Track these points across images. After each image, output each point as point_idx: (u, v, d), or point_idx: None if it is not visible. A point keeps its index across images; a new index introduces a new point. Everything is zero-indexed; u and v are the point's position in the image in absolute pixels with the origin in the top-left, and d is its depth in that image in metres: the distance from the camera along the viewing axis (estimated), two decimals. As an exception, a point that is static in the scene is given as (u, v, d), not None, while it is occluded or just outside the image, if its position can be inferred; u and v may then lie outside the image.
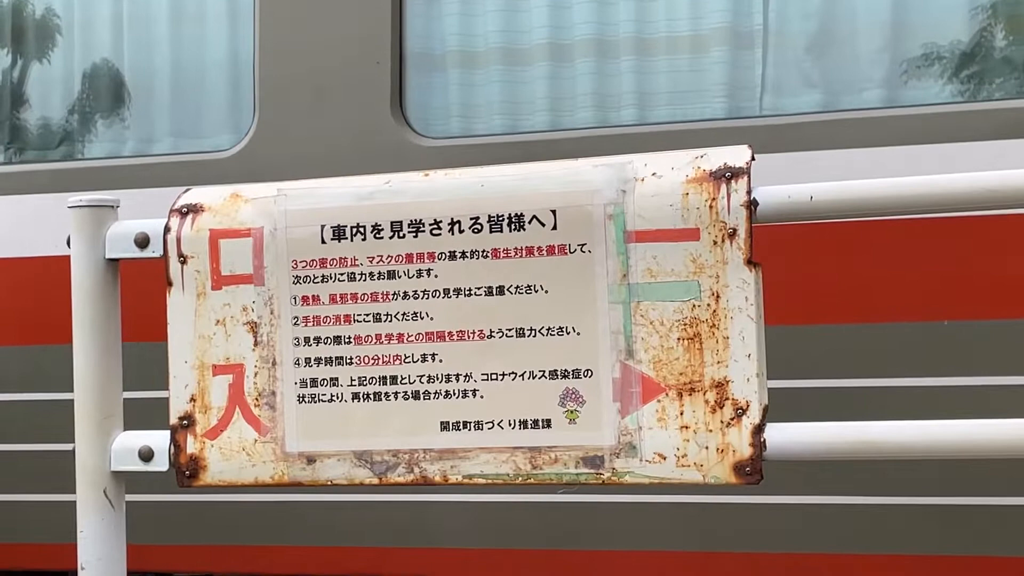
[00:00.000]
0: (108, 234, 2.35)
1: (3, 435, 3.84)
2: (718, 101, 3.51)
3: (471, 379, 2.21)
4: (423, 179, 2.28)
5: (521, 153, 3.31)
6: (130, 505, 2.38)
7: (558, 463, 2.17)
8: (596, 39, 3.59)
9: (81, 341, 2.34)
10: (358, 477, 2.26)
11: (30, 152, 4.10)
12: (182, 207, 2.35)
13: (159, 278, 2.32)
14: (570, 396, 2.17)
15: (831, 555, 3.27)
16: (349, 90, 3.58)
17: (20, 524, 3.81)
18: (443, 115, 3.69)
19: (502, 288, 2.20)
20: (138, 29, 3.96)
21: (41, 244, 3.78)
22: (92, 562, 2.33)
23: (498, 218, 2.19)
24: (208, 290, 2.31)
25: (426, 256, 2.23)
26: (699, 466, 2.11)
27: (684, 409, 2.11)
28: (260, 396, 2.29)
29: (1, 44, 4.14)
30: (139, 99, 3.96)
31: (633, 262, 2.14)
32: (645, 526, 3.38)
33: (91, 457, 2.33)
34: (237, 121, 3.81)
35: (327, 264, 2.27)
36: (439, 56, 3.70)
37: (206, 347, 2.32)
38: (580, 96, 3.60)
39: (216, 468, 2.31)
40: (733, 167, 2.10)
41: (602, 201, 2.15)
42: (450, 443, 2.22)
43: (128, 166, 3.83)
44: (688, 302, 2.11)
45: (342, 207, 2.28)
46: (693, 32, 3.55)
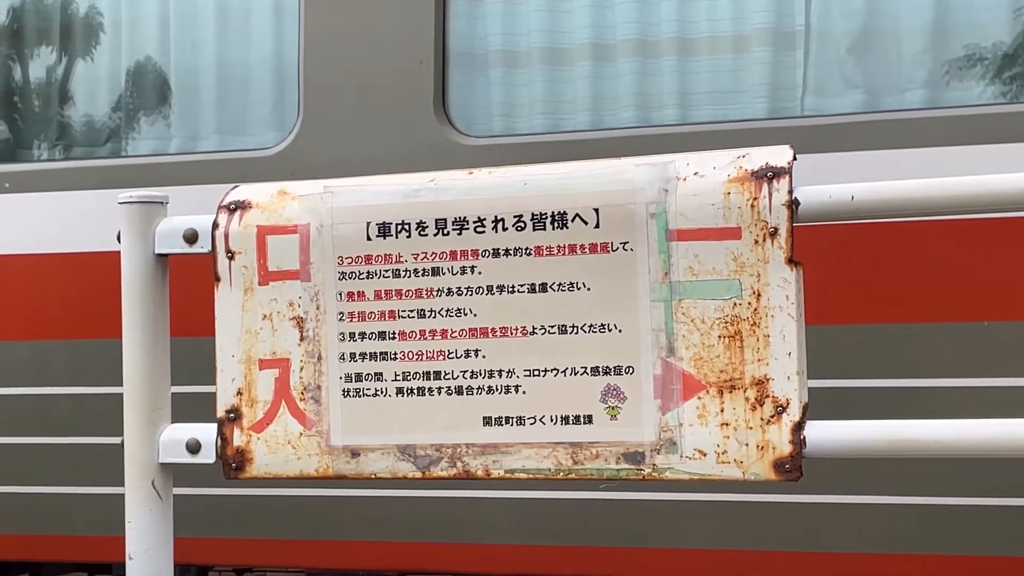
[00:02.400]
0: (157, 230, 2.39)
1: (48, 428, 3.89)
2: (759, 101, 3.52)
3: (513, 375, 2.24)
4: (468, 177, 2.31)
5: (563, 152, 3.32)
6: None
7: (599, 459, 2.20)
8: (638, 39, 3.61)
9: (130, 335, 2.38)
10: (401, 471, 2.29)
11: (77, 149, 4.15)
12: (230, 204, 2.39)
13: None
14: (611, 392, 2.19)
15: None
16: (392, 89, 3.61)
17: (69, 516, 3.85)
18: (485, 114, 3.72)
19: (545, 285, 2.23)
20: (184, 28, 4.00)
21: (89, 240, 3.82)
22: (140, 552, 2.37)
23: (541, 216, 2.22)
24: (255, 286, 2.35)
25: (470, 253, 2.26)
26: (739, 463, 2.13)
27: (724, 406, 2.13)
28: (306, 390, 2.33)
29: (49, 43, 4.19)
30: (185, 97, 4.00)
31: (675, 260, 2.16)
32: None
33: (139, 449, 2.37)
34: (281, 119, 3.84)
35: (372, 261, 2.30)
36: (482, 55, 3.72)
37: (253, 342, 2.35)
38: (622, 96, 3.62)
39: (262, 461, 2.35)
40: (775, 167, 2.12)
41: (644, 200, 2.17)
42: (492, 438, 2.25)
43: (173, 163, 3.87)
44: (729, 300, 2.14)
45: (387, 204, 2.31)
46: (735, 33, 3.56)
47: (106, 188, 3.84)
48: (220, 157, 3.81)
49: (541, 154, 3.37)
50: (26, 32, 4.20)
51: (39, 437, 3.88)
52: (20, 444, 3.89)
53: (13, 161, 4.16)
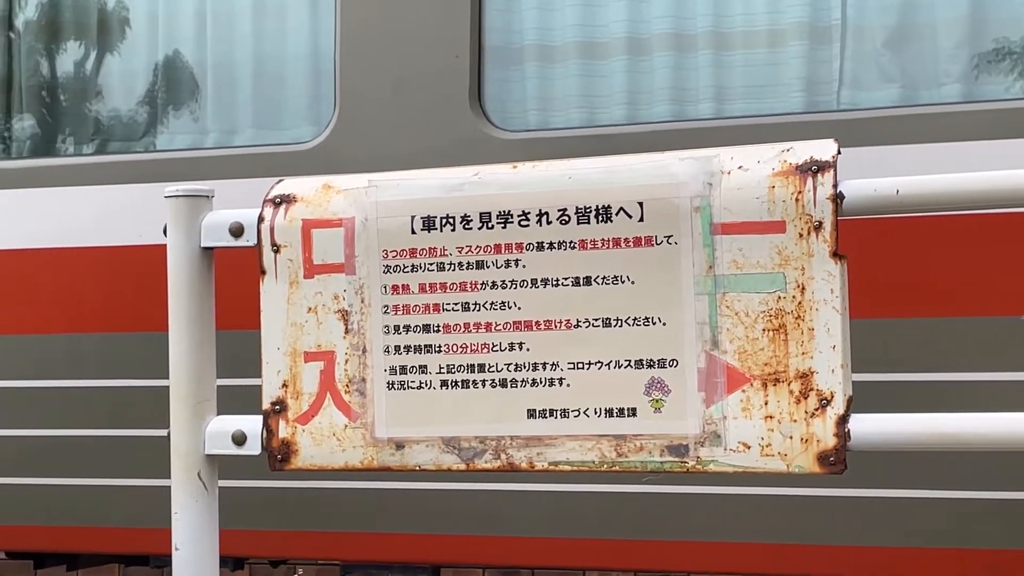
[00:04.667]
0: (203, 223, 2.41)
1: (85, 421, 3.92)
2: (795, 95, 3.53)
3: (558, 368, 2.25)
4: (511, 171, 2.32)
5: (598, 146, 3.33)
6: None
7: (643, 451, 2.21)
8: (673, 33, 3.61)
9: (176, 327, 2.40)
10: (446, 463, 2.31)
11: (114, 144, 4.18)
12: (275, 197, 2.41)
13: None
14: (655, 385, 2.20)
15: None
16: (428, 83, 3.63)
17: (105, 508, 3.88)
18: (521, 108, 3.73)
19: (589, 279, 2.24)
20: (221, 23, 4.02)
21: (126, 234, 3.85)
22: (186, 543, 2.39)
23: (585, 210, 2.23)
24: (300, 279, 2.37)
25: (514, 247, 2.27)
26: (783, 455, 2.14)
27: (768, 399, 2.14)
28: (350, 383, 2.35)
29: (85, 38, 4.21)
30: (221, 92, 4.03)
31: (719, 254, 2.17)
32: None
33: (186, 441, 2.39)
34: (317, 114, 3.86)
35: (417, 254, 2.32)
36: (517, 50, 3.73)
37: (298, 334, 2.37)
38: (657, 90, 3.63)
39: (307, 453, 2.37)
40: (819, 160, 2.13)
41: (688, 194, 2.18)
42: (536, 430, 2.26)
43: (210, 157, 3.89)
44: (773, 294, 2.14)
45: (432, 198, 2.32)
46: (771, 27, 3.57)
47: (142, 182, 3.87)
48: (256, 152, 3.83)
49: (576, 148, 3.38)
50: (62, 27, 4.23)
51: (76, 430, 3.91)
52: (56, 436, 3.92)
53: (51, 155, 4.19)
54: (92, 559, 4.27)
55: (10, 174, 4.04)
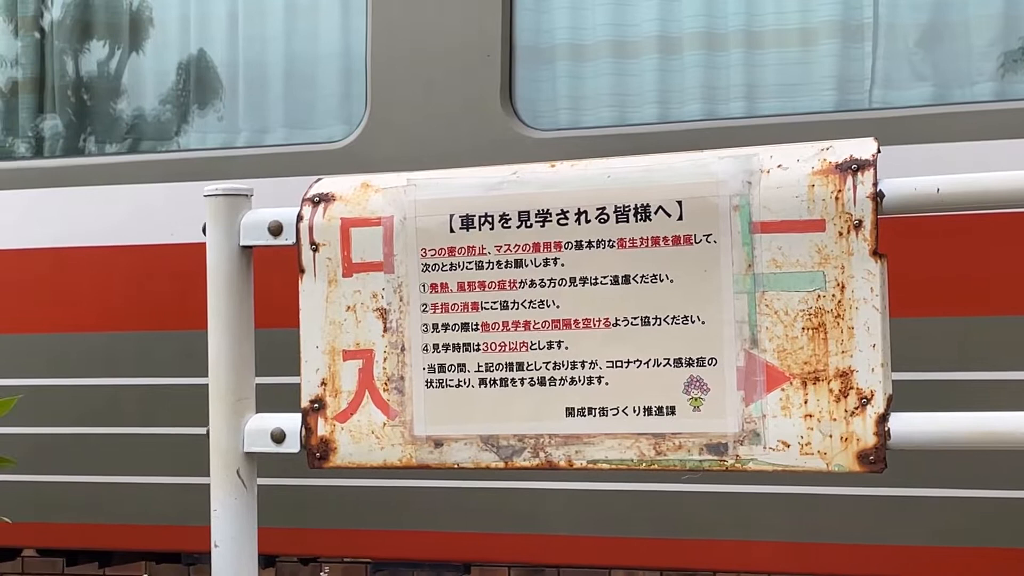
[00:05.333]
0: (243, 222, 2.42)
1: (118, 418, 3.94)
2: (827, 94, 3.53)
3: (596, 366, 2.26)
4: (550, 170, 2.33)
5: (629, 145, 3.33)
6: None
7: (682, 449, 2.21)
8: (705, 32, 3.61)
9: (216, 326, 2.42)
10: (484, 461, 2.32)
11: (146, 143, 4.20)
12: (314, 196, 2.42)
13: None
14: (694, 384, 2.21)
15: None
16: (459, 82, 3.64)
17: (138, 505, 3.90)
18: (552, 107, 3.74)
19: (628, 277, 2.24)
20: (252, 22, 4.03)
21: (155, 233, 3.86)
22: (225, 540, 2.40)
23: (624, 208, 2.24)
24: (339, 277, 2.38)
25: (553, 245, 2.28)
26: (823, 454, 2.14)
27: (808, 398, 2.15)
28: (389, 381, 2.36)
29: (117, 38, 4.23)
30: (253, 91, 4.04)
31: (758, 253, 2.17)
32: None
33: (225, 438, 2.41)
34: (349, 113, 3.87)
35: (455, 252, 2.33)
36: (548, 49, 3.74)
37: (337, 333, 2.38)
38: (689, 89, 3.63)
39: (346, 450, 2.38)
40: (859, 159, 2.13)
41: (728, 192, 2.19)
42: (575, 429, 2.27)
43: (241, 157, 3.90)
44: (813, 292, 2.15)
45: (470, 197, 2.33)
46: (803, 25, 3.56)
47: (174, 181, 3.89)
48: (288, 151, 3.84)
49: (607, 147, 3.38)
50: (94, 27, 4.25)
51: (109, 427, 3.93)
52: (88, 434, 3.94)
53: (83, 155, 4.21)
54: (123, 556, 4.28)
55: (42, 173, 4.06)
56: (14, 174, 4.07)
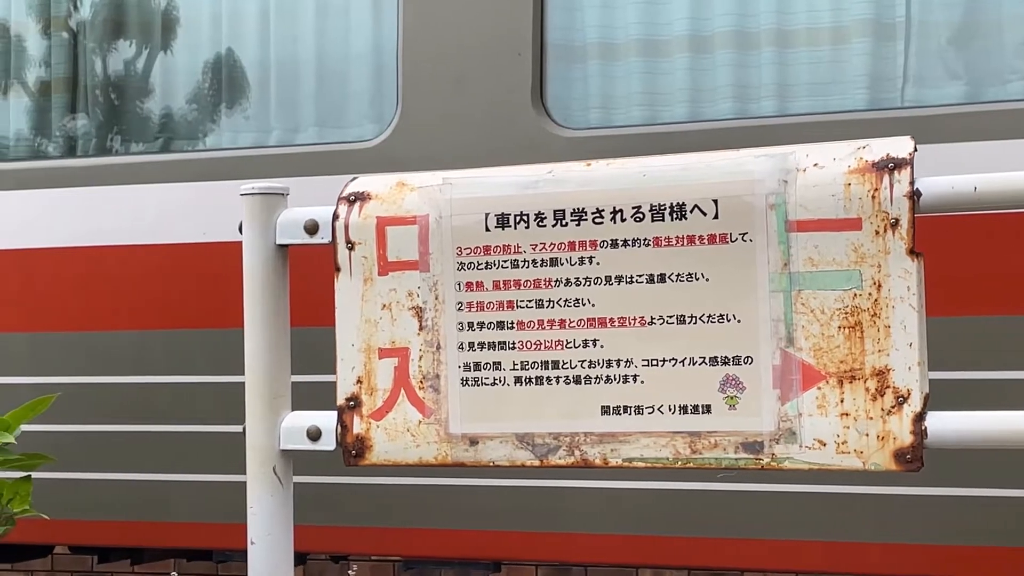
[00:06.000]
0: (279, 221, 2.43)
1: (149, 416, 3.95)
2: (859, 93, 3.52)
3: (632, 364, 2.26)
4: (585, 168, 2.33)
5: (660, 144, 3.34)
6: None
7: (717, 448, 2.21)
8: (736, 31, 3.61)
9: (252, 324, 2.43)
10: (519, 459, 2.32)
11: (177, 142, 4.22)
12: (349, 195, 2.42)
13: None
14: (730, 382, 2.21)
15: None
16: (491, 81, 3.64)
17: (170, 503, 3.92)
18: (583, 106, 3.74)
19: (663, 276, 2.24)
20: (284, 21, 4.05)
21: (189, 231, 3.88)
22: (262, 537, 2.41)
23: (660, 207, 2.24)
24: (375, 276, 2.39)
25: (588, 244, 2.28)
26: (859, 453, 2.13)
27: (844, 397, 2.14)
28: (424, 379, 2.36)
29: (149, 38, 4.25)
30: (284, 90, 4.05)
31: (794, 251, 2.17)
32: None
33: (261, 436, 2.42)
34: (380, 112, 3.88)
35: (491, 251, 2.33)
36: (580, 47, 3.74)
37: (372, 331, 2.39)
38: (719, 88, 3.63)
39: (381, 448, 2.38)
40: (896, 158, 2.13)
41: (764, 191, 2.19)
42: (611, 427, 2.27)
43: (273, 155, 3.92)
44: (849, 291, 2.14)
45: (506, 195, 2.34)
46: (834, 24, 3.56)
47: (205, 180, 3.91)
48: (319, 150, 3.86)
49: (638, 146, 3.39)
50: (125, 27, 4.27)
51: (140, 425, 3.95)
52: (122, 432, 3.96)
53: (115, 154, 4.23)
54: (155, 553, 4.30)
55: (75, 172, 4.08)
56: (47, 173, 4.09)
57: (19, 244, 4.04)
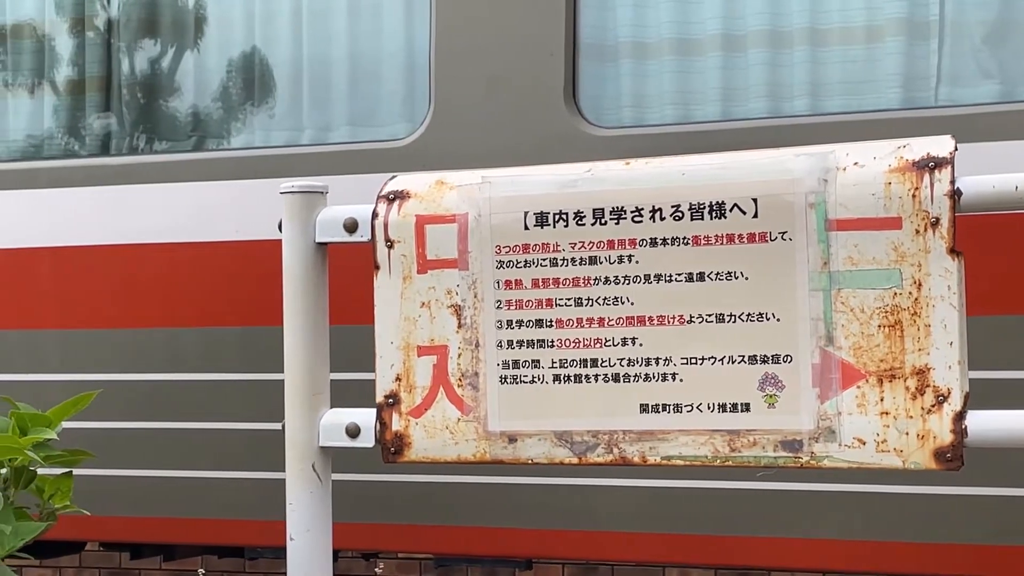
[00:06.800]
0: (318, 219, 2.44)
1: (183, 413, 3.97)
2: (892, 92, 3.51)
3: (671, 363, 2.27)
4: (624, 167, 2.34)
5: (693, 143, 3.33)
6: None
7: (756, 446, 2.22)
8: (769, 30, 3.61)
9: (291, 322, 2.44)
10: (558, 456, 2.33)
11: (211, 140, 4.23)
12: (389, 193, 2.44)
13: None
14: (769, 381, 2.21)
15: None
16: (523, 81, 3.65)
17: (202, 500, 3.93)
18: (615, 105, 3.74)
19: (702, 274, 2.25)
20: (316, 20, 4.06)
21: (223, 229, 3.90)
22: (300, 533, 2.42)
23: (699, 206, 2.25)
24: (414, 274, 2.40)
25: (627, 242, 2.29)
26: (899, 451, 2.14)
27: (884, 395, 2.15)
28: (463, 377, 2.38)
29: (183, 37, 4.27)
30: (317, 89, 4.06)
31: (834, 250, 2.18)
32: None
33: (300, 433, 2.43)
34: (412, 111, 3.89)
35: (530, 249, 2.34)
36: (612, 47, 3.74)
37: (411, 329, 2.40)
38: (752, 86, 3.62)
39: (420, 445, 2.40)
40: (936, 157, 2.13)
41: (803, 190, 2.19)
42: (649, 425, 2.28)
43: (305, 154, 3.93)
44: (889, 290, 2.15)
45: (545, 194, 2.35)
46: (868, 23, 3.55)
47: (238, 179, 3.92)
48: (352, 148, 3.87)
49: (671, 145, 3.39)
50: (159, 26, 4.29)
51: (172, 422, 3.97)
52: (153, 429, 3.98)
53: (149, 153, 4.25)
54: (186, 550, 4.32)
55: (108, 171, 4.10)
56: (80, 172, 4.12)
57: (55, 242, 4.06)
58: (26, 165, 4.21)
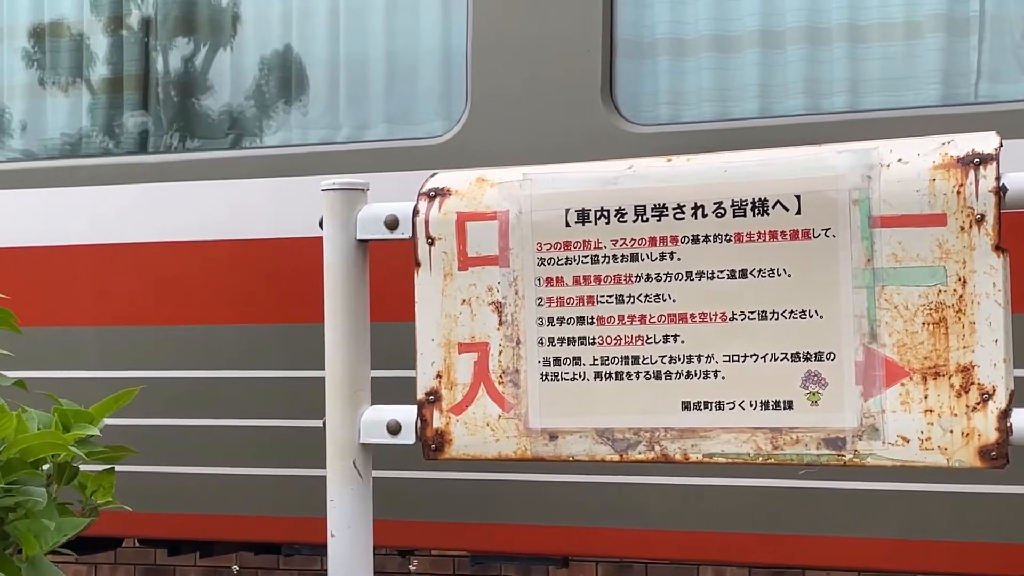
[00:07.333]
0: (359, 216, 2.45)
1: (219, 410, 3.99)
2: (932, 88, 3.49)
3: (713, 360, 2.27)
4: (666, 164, 2.33)
5: (730, 140, 3.32)
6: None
7: (799, 444, 2.21)
8: (807, 26, 3.59)
9: (332, 319, 2.45)
10: (599, 454, 2.33)
11: (248, 139, 4.25)
12: (429, 191, 2.44)
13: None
14: (812, 378, 2.21)
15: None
16: (560, 78, 3.64)
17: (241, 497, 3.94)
18: (652, 102, 3.73)
19: (745, 271, 2.25)
20: (353, 17, 4.07)
21: (260, 227, 3.91)
22: (341, 530, 2.43)
23: (742, 203, 2.24)
24: (455, 271, 2.40)
25: (669, 239, 2.29)
26: (943, 449, 2.13)
27: (928, 393, 2.14)
28: (504, 374, 2.38)
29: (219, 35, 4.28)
30: (353, 86, 4.07)
31: (878, 247, 2.17)
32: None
33: (341, 430, 2.44)
34: (449, 108, 3.90)
35: (571, 247, 2.34)
36: (649, 43, 3.73)
37: (452, 326, 2.41)
38: (791, 83, 3.61)
39: (461, 442, 2.40)
40: (981, 153, 2.12)
41: (847, 187, 2.18)
42: (691, 422, 2.27)
43: (342, 152, 3.93)
44: (934, 287, 2.14)
45: (586, 191, 2.35)
46: (907, 19, 3.53)
47: (276, 176, 3.93)
48: (388, 146, 3.87)
49: (709, 142, 3.37)
50: (197, 24, 4.31)
51: (210, 419, 3.98)
52: (191, 426, 4.00)
53: (186, 151, 4.27)
54: (225, 546, 4.34)
55: (147, 169, 4.12)
56: (120, 169, 4.14)
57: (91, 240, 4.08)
58: (65, 163, 4.23)
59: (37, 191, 4.15)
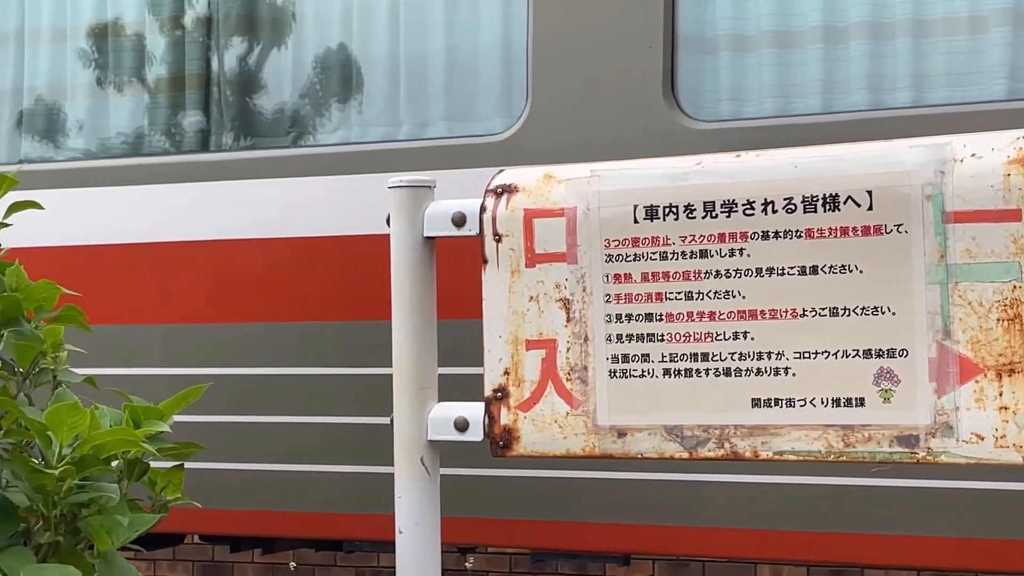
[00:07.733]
0: (426, 213, 2.45)
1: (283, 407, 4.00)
2: (997, 83, 3.46)
3: (783, 357, 2.25)
4: (735, 160, 2.32)
5: (792, 136, 3.31)
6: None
7: (871, 441, 2.19)
8: (870, 21, 3.57)
9: (400, 316, 2.45)
10: (668, 451, 2.32)
11: (307, 137, 4.26)
12: (497, 187, 2.44)
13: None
14: (884, 375, 2.19)
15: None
16: (621, 74, 3.63)
17: (304, 494, 3.96)
18: (714, 98, 3.71)
19: (815, 267, 2.23)
20: (413, 15, 4.07)
21: (321, 225, 3.93)
22: (409, 526, 2.43)
23: (812, 199, 2.23)
24: (522, 268, 2.40)
25: (739, 236, 2.28)
26: (1019, 448, 2.11)
27: (1003, 390, 2.11)
28: (572, 371, 2.37)
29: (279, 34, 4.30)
30: (414, 84, 4.08)
31: (951, 243, 2.14)
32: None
33: (409, 427, 2.44)
34: (509, 106, 3.89)
35: (639, 243, 2.34)
36: (711, 39, 3.71)
37: (520, 323, 2.40)
38: (853, 79, 3.58)
39: (529, 439, 2.40)
40: (1057, 147, 2.09)
41: (919, 182, 2.16)
42: (761, 420, 2.26)
43: (403, 149, 3.94)
44: (1008, 283, 2.11)
45: (654, 187, 2.34)
46: (972, 13, 3.50)
47: (335, 174, 3.95)
48: (449, 143, 3.87)
49: (770, 138, 3.36)
50: (256, 24, 4.33)
51: (272, 416, 4.00)
52: (253, 423, 4.01)
53: (245, 149, 4.29)
54: (286, 543, 4.36)
55: (206, 167, 4.14)
56: (180, 168, 4.17)
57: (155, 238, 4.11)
58: (126, 162, 4.27)
59: (104, 189, 4.19)
